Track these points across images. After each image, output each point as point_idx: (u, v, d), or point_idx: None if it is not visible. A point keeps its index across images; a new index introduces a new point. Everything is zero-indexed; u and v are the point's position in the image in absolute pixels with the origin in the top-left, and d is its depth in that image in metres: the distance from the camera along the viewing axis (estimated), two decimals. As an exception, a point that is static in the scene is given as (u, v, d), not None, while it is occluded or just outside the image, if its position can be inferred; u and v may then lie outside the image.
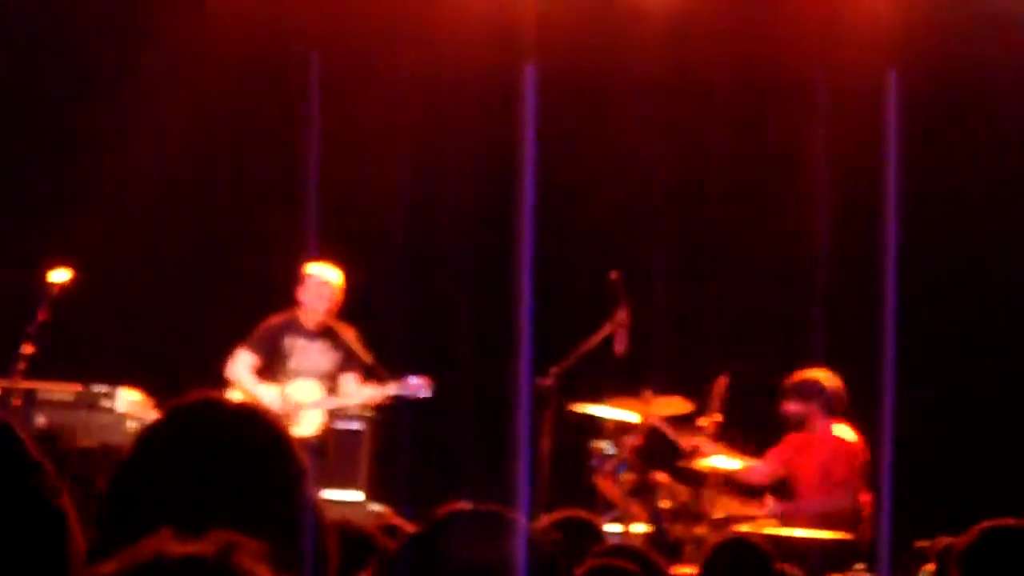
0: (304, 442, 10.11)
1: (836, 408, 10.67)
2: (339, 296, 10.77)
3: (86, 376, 10.78)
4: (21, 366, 10.37)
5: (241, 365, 10.75)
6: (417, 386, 10.49)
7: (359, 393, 10.63)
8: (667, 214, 12.64)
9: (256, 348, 10.75)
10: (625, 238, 12.47)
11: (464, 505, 2.64)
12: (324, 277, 10.74)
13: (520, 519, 2.64)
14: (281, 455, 2.60)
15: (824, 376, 10.67)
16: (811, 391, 10.63)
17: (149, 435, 2.62)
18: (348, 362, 10.62)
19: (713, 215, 12.78)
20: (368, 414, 11.00)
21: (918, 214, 11.85)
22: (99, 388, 10.71)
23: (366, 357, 10.60)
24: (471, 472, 11.09)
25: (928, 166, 12.19)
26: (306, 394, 10.63)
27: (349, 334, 10.71)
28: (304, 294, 10.73)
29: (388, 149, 12.64)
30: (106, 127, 12.54)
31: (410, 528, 3.88)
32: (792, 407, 10.67)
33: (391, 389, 10.50)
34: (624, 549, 6.17)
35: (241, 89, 12.73)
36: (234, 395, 10.44)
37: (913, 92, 11.69)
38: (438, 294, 12.53)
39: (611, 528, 10.40)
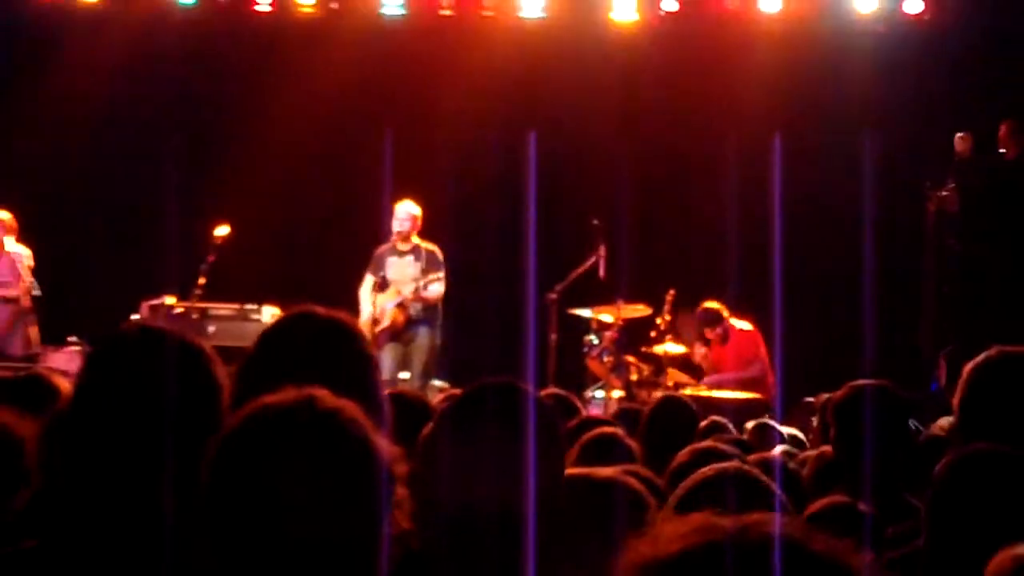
0: (384, 331, 10.31)
1: (731, 314, 10.68)
2: (416, 222, 10.57)
3: (242, 298, 10.71)
4: (198, 292, 10.44)
5: (365, 285, 10.56)
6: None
7: (408, 288, 10.35)
8: (634, 183, 12.25)
9: (372, 270, 10.58)
10: (605, 196, 12.00)
11: (494, 378, 2.62)
12: (404, 208, 10.60)
13: (533, 390, 2.60)
14: (354, 347, 2.68)
15: (714, 304, 10.65)
16: (716, 316, 10.65)
17: (265, 335, 2.73)
18: (423, 272, 10.41)
19: (662, 184, 12.47)
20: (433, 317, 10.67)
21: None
22: (251, 306, 10.65)
23: (433, 270, 10.40)
24: (499, 359, 10.88)
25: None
26: (388, 298, 10.41)
27: (430, 251, 10.52)
28: (393, 222, 10.56)
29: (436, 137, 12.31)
30: (252, 122, 12.36)
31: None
32: (712, 332, 10.66)
33: (421, 280, 10.38)
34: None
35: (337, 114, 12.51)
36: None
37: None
38: (471, 243, 12.05)
39: (598, 394, 10.55)
